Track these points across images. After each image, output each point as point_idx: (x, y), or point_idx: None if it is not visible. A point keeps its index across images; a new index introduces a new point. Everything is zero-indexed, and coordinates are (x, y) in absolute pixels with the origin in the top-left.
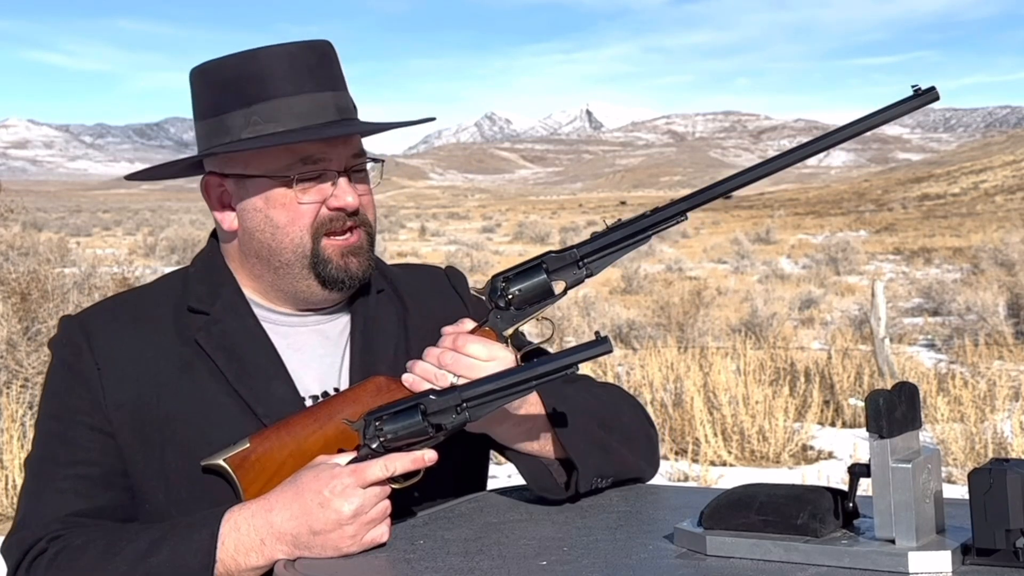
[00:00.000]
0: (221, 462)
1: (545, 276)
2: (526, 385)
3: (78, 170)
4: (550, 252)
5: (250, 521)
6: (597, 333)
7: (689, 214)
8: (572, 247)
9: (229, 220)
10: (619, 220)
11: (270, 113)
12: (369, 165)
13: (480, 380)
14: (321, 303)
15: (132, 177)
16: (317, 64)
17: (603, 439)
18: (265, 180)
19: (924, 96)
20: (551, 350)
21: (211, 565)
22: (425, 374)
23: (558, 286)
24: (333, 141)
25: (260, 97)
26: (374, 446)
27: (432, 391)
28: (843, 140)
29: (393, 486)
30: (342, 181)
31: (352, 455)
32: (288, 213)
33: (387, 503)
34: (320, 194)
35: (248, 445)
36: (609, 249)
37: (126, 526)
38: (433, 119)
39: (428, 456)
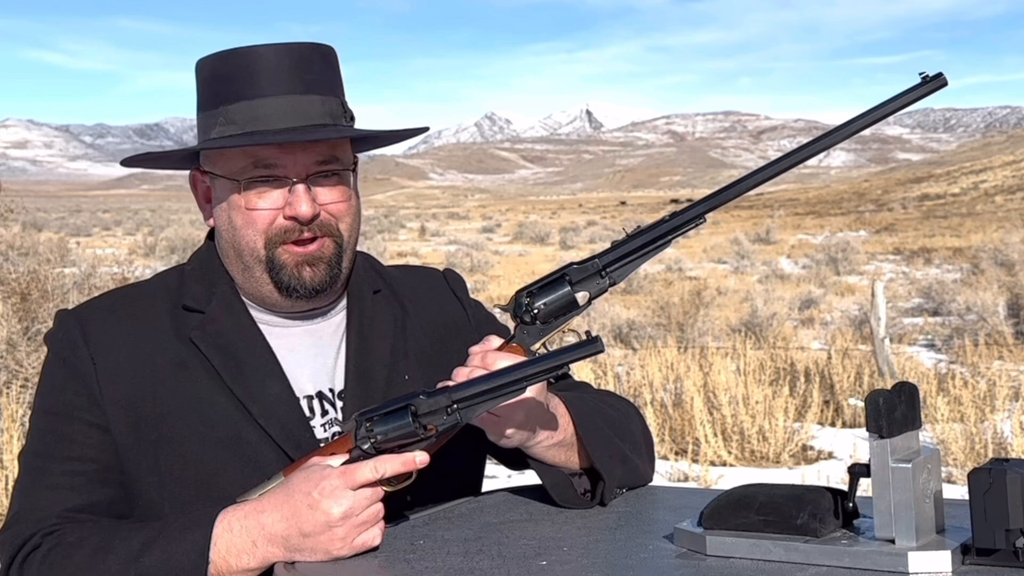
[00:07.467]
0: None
1: (569, 288)
2: (517, 386)
3: (78, 170)
4: (572, 264)
5: (242, 522)
6: (588, 332)
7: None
8: (594, 257)
9: (209, 216)
10: (638, 227)
11: (234, 114)
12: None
13: (470, 381)
14: (289, 308)
15: (128, 162)
16: (300, 66)
17: (621, 449)
18: (226, 182)
19: (932, 83)
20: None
21: (204, 566)
22: None
23: (582, 297)
24: (289, 147)
25: (232, 97)
26: (365, 447)
27: (423, 391)
28: (856, 131)
29: (385, 489)
30: (298, 188)
31: (346, 457)
32: (243, 217)
33: (379, 506)
34: (277, 201)
35: (283, 480)
36: (630, 256)
37: (120, 523)
38: (415, 131)
39: (419, 458)
